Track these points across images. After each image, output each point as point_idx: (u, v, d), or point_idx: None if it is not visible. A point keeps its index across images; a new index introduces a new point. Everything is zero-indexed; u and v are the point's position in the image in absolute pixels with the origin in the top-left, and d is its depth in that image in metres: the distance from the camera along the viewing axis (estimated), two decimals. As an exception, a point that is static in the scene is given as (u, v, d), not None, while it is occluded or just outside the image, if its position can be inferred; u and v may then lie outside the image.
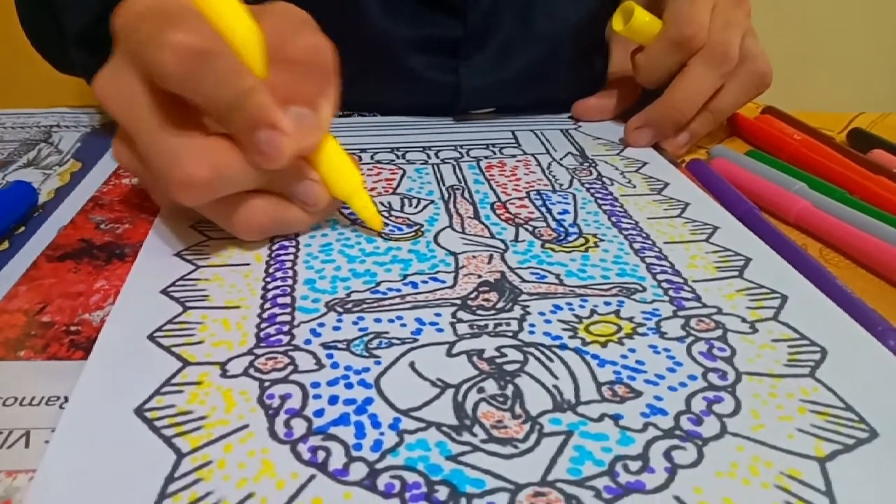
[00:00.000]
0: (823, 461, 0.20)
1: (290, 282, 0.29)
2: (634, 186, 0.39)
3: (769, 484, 0.19)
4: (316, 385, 0.23)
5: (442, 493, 0.19)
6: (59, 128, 0.48)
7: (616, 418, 0.21)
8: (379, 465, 0.19)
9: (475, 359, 0.24)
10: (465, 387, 0.23)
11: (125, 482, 0.19)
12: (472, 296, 0.28)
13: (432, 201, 0.36)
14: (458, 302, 0.27)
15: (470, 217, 0.35)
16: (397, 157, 0.43)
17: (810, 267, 0.30)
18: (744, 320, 0.26)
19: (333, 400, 0.22)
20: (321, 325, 0.26)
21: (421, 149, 0.44)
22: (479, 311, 0.27)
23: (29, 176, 0.39)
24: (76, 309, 0.27)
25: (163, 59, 0.25)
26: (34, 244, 0.32)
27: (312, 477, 0.19)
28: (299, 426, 0.21)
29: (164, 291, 0.28)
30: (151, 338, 0.25)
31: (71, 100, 0.53)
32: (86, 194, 0.37)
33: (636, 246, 0.32)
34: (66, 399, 0.22)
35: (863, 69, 1.16)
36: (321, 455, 0.20)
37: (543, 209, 0.36)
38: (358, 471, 0.19)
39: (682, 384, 0.23)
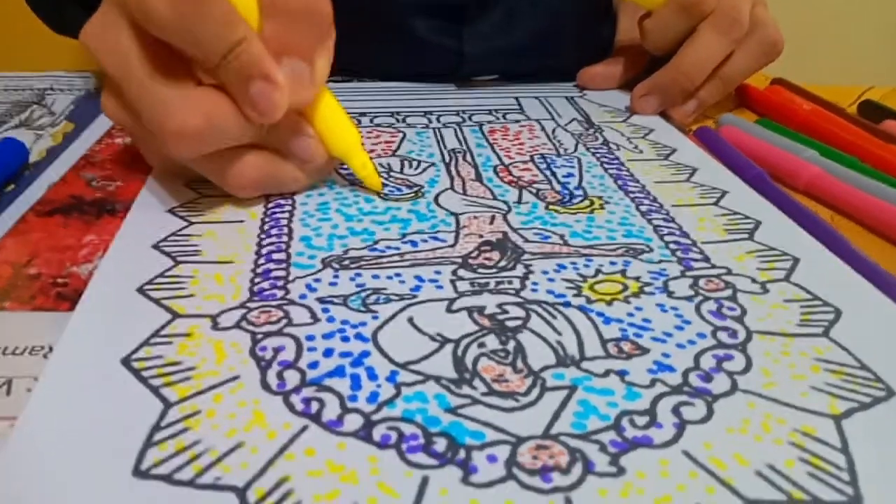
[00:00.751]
0: (839, 419, 0.19)
1: (285, 238, 0.28)
2: (641, 152, 0.38)
3: (782, 440, 0.18)
4: (311, 338, 0.22)
5: (440, 444, 0.18)
6: (53, 91, 0.46)
7: (622, 374, 0.21)
8: (375, 417, 0.19)
9: (476, 315, 0.23)
10: (465, 342, 0.22)
11: (109, 430, 0.18)
12: (474, 255, 0.27)
13: (433, 163, 0.35)
14: (459, 260, 0.27)
15: (472, 179, 0.34)
16: (397, 120, 0.42)
17: (822, 229, 0.29)
18: (754, 281, 0.26)
19: (328, 353, 0.21)
20: (317, 280, 0.25)
21: (422, 113, 0.43)
22: (480, 270, 0.26)
23: (21, 136, 0.38)
24: (64, 262, 0.26)
25: (154, 4, 0.24)
26: (24, 200, 0.31)
27: (305, 427, 0.18)
28: (292, 378, 0.20)
29: (156, 246, 0.27)
30: (141, 290, 0.24)
31: (66, 64, 0.52)
32: (77, 154, 0.36)
33: (643, 208, 0.31)
34: (51, 349, 0.21)
35: (874, 43, 1.14)
36: (315, 406, 0.19)
37: (548, 172, 0.35)
38: (353, 422, 0.18)
39: (691, 342, 0.22)
